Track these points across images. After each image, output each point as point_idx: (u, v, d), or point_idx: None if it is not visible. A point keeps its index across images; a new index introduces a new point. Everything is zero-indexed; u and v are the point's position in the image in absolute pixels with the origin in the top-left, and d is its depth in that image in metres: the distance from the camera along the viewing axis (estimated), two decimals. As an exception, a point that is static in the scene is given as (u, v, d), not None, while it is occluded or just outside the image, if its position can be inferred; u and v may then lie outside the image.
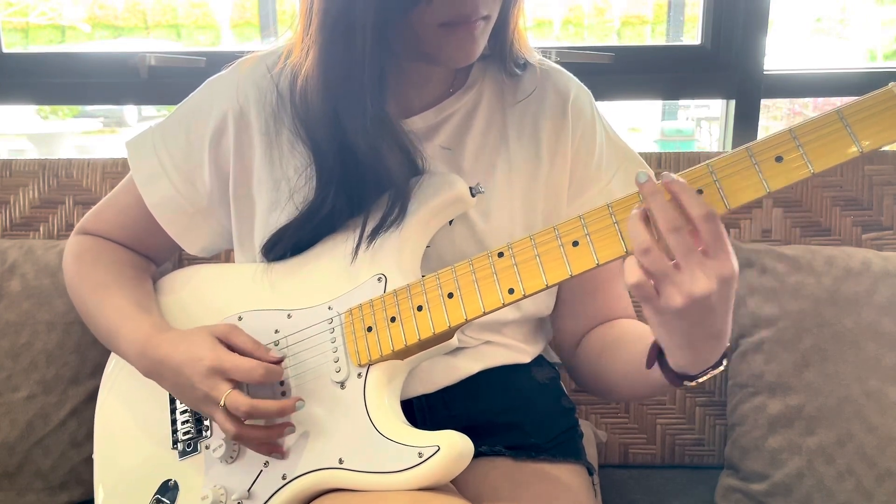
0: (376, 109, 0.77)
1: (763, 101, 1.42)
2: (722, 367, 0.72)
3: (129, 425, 0.93)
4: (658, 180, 0.66)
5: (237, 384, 0.78)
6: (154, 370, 0.84)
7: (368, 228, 0.82)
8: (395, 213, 0.81)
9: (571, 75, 0.94)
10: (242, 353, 0.80)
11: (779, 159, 0.65)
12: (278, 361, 0.80)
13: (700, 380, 0.72)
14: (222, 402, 0.76)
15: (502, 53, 0.88)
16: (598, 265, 0.70)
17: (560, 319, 0.97)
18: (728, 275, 0.64)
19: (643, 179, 0.65)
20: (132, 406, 0.93)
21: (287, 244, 0.86)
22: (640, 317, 0.95)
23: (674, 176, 0.66)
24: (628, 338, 0.87)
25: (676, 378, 0.73)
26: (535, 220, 0.89)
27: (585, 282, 0.92)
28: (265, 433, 0.78)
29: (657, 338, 0.71)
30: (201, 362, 0.78)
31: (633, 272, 0.65)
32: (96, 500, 0.92)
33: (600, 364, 0.90)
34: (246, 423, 0.78)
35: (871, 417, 1.08)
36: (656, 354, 0.74)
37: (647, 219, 0.65)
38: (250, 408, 0.75)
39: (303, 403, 0.77)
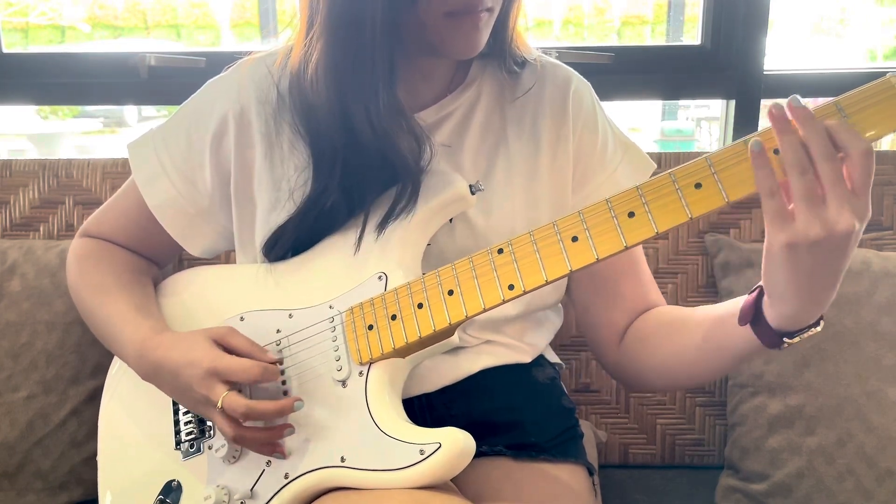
0: (389, 96, 0.78)
1: (763, 101, 1.42)
2: (819, 328, 0.71)
3: (132, 426, 0.93)
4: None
5: (235, 386, 0.78)
6: (152, 373, 0.84)
7: (373, 220, 0.82)
8: (407, 197, 0.80)
9: (570, 68, 0.94)
10: (240, 354, 0.79)
11: (777, 152, 0.65)
12: (276, 362, 0.80)
13: (797, 339, 0.70)
14: (219, 404, 0.76)
15: (501, 52, 0.88)
16: (597, 260, 0.70)
17: (594, 315, 0.94)
18: (868, 216, 0.63)
19: (797, 104, 0.63)
20: (136, 407, 0.93)
21: (287, 242, 0.86)
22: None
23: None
24: (704, 313, 0.83)
25: (775, 336, 0.71)
26: (538, 214, 0.89)
27: (607, 269, 0.90)
28: (265, 434, 0.78)
29: (769, 281, 0.69)
30: (198, 365, 0.77)
31: (766, 182, 0.63)
32: (101, 501, 0.93)
33: (666, 347, 0.86)
34: (246, 424, 0.78)
35: (871, 417, 1.09)
36: (753, 309, 0.72)
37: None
38: (247, 409, 0.75)
39: (301, 404, 0.77)
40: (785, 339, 0.71)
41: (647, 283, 0.93)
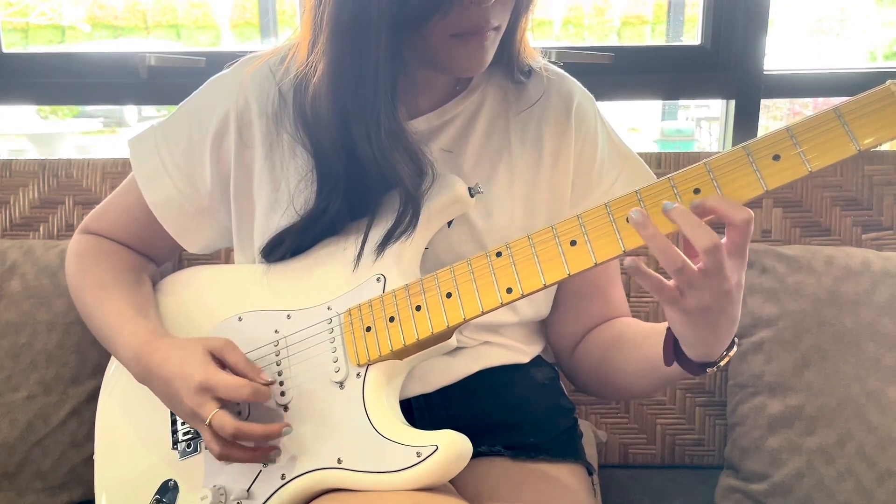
0: (390, 121, 0.77)
1: (763, 101, 1.42)
2: (736, 348, 0.74)
3: (129, 426, 0.93)
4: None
5: (225, 403, 0.77)
6: (146, 377, 0.84)
7: (373, 237, 0.82)
8: (406, 222, 0.80)
9: (575, 81, 0.94)
10: (234, 370, 0.79)
11: (776, 158, 0.65)
12: (269, 383, 0.79)
13: (721, 364, 0.74)
14: (208, 421, 0.76)
15: (509, 61, 0.88)
16: (595, 264, 0.70)
17: (558, 323, 0.97)
18: (745, 264, 0.67)
19: (669, 208, 0.66)
20: (133, 407, 0.93)
21: (287, 248, 0.86)
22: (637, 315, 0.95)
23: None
24: (635, 335, 0.87)
25: (699, 367, 0.75)
26: (535, 223, 0.89)
27: (584, 286, 0.93)
28: (250, 455, 0.78)
29: (680, 336, 0.73)
30: (191, 378, 0.77)
31: (647, 284, 0.67)
32: (97, 501, 0.92)
33: (606, 363, 0.89)
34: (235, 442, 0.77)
35: (871, 417, 1.08)
36: (673, 350, 0.75)
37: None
38: (235, 430, 0.75)
39: (290, 430, 0.77)
40: (707, 369, 0.75)
41: (615, 302, 0.95)
